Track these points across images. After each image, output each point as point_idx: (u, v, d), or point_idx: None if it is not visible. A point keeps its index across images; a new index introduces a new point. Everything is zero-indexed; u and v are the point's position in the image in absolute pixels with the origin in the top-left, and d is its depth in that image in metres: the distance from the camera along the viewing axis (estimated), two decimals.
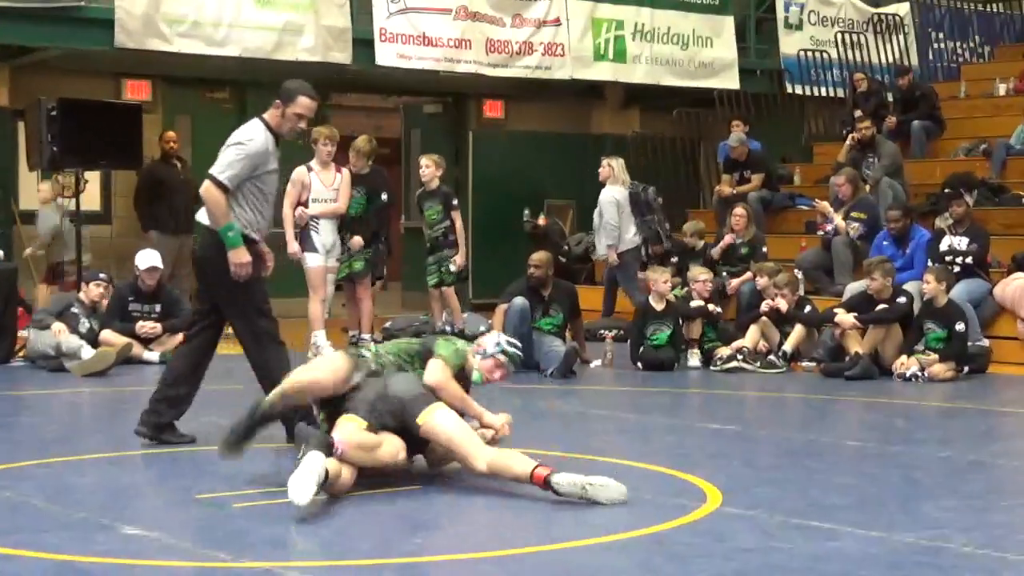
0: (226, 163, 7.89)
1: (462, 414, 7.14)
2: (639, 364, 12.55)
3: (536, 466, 6.56)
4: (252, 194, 7.94)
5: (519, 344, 7.55)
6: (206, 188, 7.87)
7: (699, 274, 13.22)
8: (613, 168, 14.89)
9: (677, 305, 12.92)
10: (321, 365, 7.17)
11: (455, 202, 14.01)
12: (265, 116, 8.06)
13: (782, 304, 12.74)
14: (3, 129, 16.20)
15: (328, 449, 6.51)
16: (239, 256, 7.74)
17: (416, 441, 6.93)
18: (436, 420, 6.83)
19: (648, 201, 15.46)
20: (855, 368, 11.91)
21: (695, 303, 12.95)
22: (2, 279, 13.01)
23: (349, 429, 6.72)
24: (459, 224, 13.92)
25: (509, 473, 6.66)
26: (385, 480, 7.01)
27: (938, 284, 12.13)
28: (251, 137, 7.96)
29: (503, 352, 7.34)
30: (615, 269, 15.09)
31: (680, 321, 12.80)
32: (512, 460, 6.70)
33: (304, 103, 7.97)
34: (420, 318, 13.86)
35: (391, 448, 6.81)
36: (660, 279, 12.82)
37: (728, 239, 14.64)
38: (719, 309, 13.14)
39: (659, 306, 12.70)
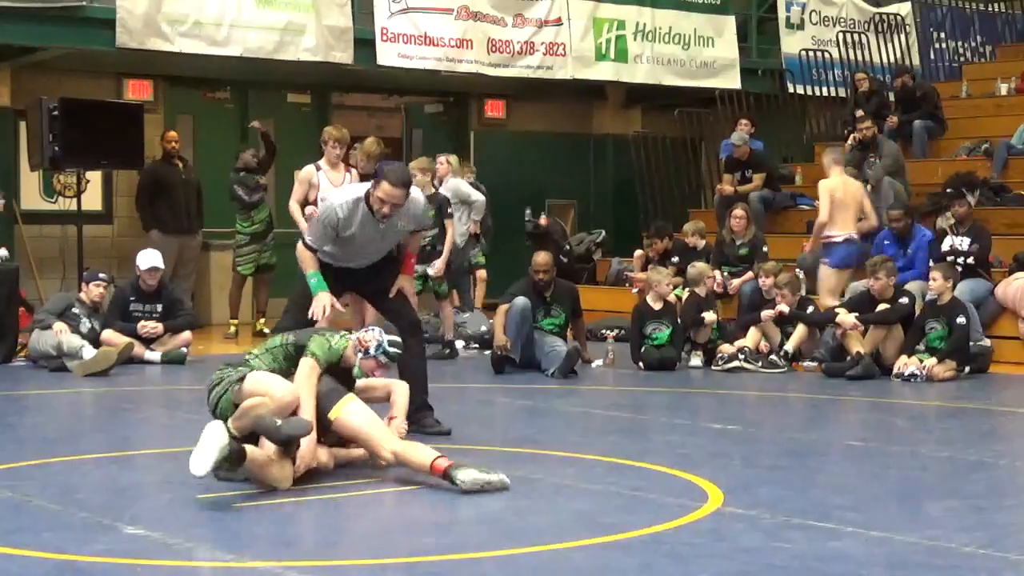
0: (310, 230, 8.49)
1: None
2: (640, 364, 12.55)
3: (436, 458, 6.87)
4: (333, 244, 8.31)
5: (400, 343, 7.59)
6: (298, 247, 8.42)
7: (707, 271, 13.28)
8: (451, 163, 14.73)
9: (681, 308, 12.98)
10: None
11: (450, 210, 13.56)
12: (369, 190, 8.16)
13: (784, 307, 12.75)
14: (4, 129, 16.19)
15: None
16: (319, 300, 8.23)
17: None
18: (347, 414, 7.11)
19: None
20: (856, 368, 11.91)
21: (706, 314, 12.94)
22: (4, 279, 13.02)
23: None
24: (450, 232, 13.45)
25: (411, 464, 7.00)
26: (385, 481, 7.02)
27: (944, 281, 12.12)
28: (332, 209, 8.20)
29: (385, 354, 7.43)
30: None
31: (679, 320, 12.83)
32: (414, 451, 7.03)
33: (384, 188, 7.98)
34: (423, 318, 13.81)
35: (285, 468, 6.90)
36: (663, 281, 12.83)
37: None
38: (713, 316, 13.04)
39: (657, 305, 12.71)
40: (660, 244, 15.42)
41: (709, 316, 12.87)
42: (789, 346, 12.64)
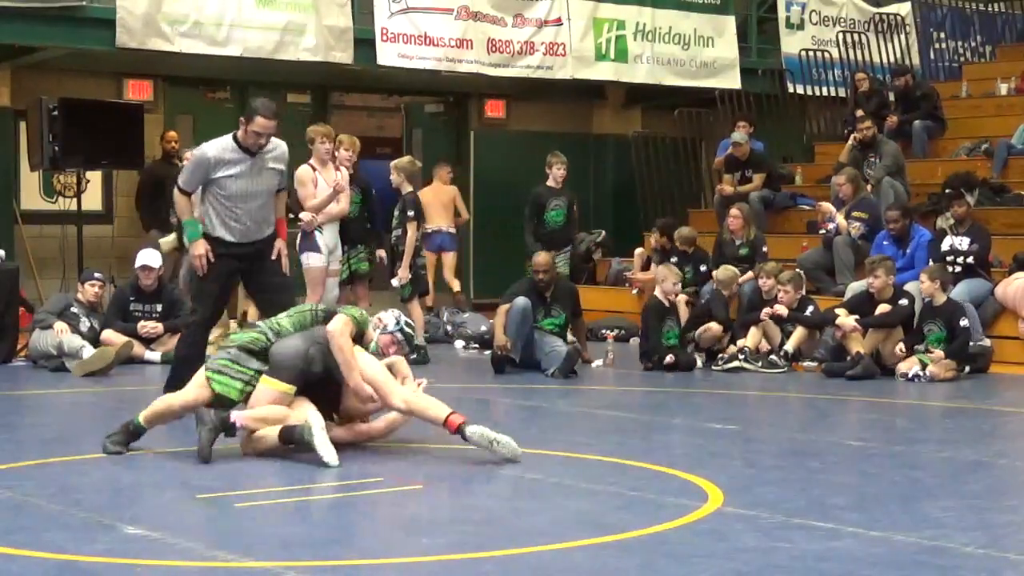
0: (182, 175, 9.25)
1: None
2: (651, 363, 12.47)
3: (450, 413, 7.38)
4: (214, 197, 9.06)
5: (414, 326, 8.14)
6: (175, 193, 9.32)
7: (738, 274, 13.55)
8: None
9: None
10: (181, 393, 7.90)
11: (410, 213, 13.13)
12: (239, 131, 9.03)
13: (782, 310, 12.74)
14: (4, 129, 16.19)
15: (225, 426, 7.39)
16: (194, 248, 9.16)
17: (333, 396, 7.74)
18: (362, 364, 7.60)
19: None
20: (856, 368, 11.91)
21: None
22: (3, 279, 13.01)
23: (263, 392, 7.60)
24: (411, 235, 13.07)
25: (424, 415, 7.51)
26: (385, 481, 7.02)
27: (932, 283, 12.11)
28: (205, 148, 9.09)
29: (400, 331, 7.95)
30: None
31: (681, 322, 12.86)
32: (429, 404, 7.51)
33: (259, 123, 8.88)
34: (424, 318, 13.76)
35: (298, 417, 7.52)
36: (671, 278, 12.80)
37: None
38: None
39: (666, 303, 12.72)
40: (660, 241, 15.39)
41: (716, 326, 12.90)
42: (789, 346, 12.64)
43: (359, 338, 7.79)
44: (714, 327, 12.91)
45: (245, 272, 9.39)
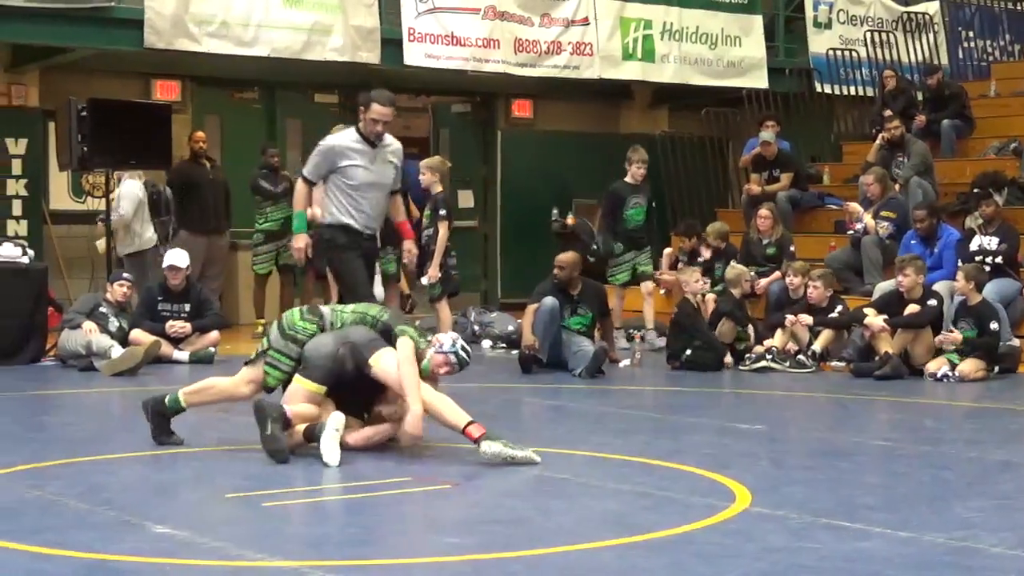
0: (308, 164, 9.63)
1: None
2: (678, 363, 12.48)
3: (469, 423, 7.40)
4: (337, 187, 9.45)
5: (470, 352, 8.00)
6: (297, 183, 9.76)
7: (745, 273, 13.43)
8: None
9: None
10: (233, 379, 8.05)
11: (442, 212, 12.83)
12: (359, 124, 9.52)
13: (807, 319, 12.68)
14: (33, 129, 16.25)
15: (285, 417, 7.46)
16: (295, 241, 9.70)
17: (364, 398, 7.82)
18: (384, 362, 7.59)
19: (166, 202, 15.42)
20: (885, 368, 11.87)
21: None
22: (33, 279, 13.07)
23: (296, 390, 7.68)
24: (442, 234, 12.75)
25: (441, 418, 7.52)
26: (413, 481, 7.03)
27: (967, 283, 12.08)
28: (329, 139, 9.61)
29: (455, 354, 7.82)
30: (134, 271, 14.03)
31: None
32: (447, 409, 7.51)
33: (376, 109, 9.30)
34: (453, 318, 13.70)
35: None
36: (691, 279, 12.81)
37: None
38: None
39: (696, 304, 12.72)
40: (688, 243, 15.36)
41: (728, 334, 12.88)
42: (817, 346, 12.60)
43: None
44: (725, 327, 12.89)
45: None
